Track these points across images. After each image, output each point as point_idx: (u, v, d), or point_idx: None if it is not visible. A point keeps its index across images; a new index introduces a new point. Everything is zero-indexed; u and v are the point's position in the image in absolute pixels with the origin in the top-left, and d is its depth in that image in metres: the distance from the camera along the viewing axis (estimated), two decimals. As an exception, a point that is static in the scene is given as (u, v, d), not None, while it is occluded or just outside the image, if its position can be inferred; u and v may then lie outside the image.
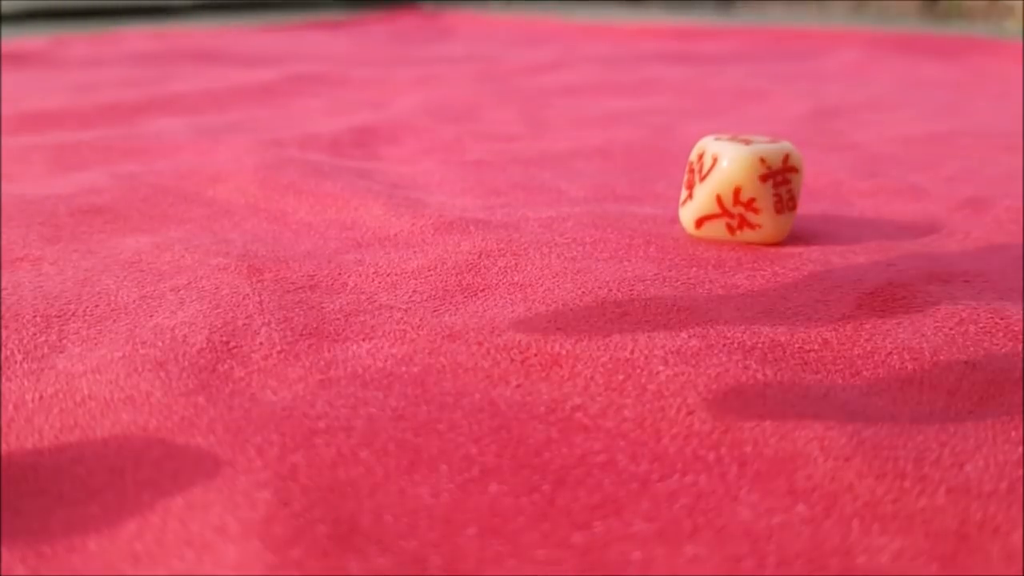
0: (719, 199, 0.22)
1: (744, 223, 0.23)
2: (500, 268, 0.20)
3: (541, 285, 0.19)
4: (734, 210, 0.22)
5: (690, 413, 0.14)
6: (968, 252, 0.23)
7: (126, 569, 0.11)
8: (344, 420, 0.14)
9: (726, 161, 0.22)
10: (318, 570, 0.11)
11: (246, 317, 0.18)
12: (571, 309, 0.18)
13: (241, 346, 0.17)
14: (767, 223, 0.22)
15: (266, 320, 0.18)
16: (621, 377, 0.15)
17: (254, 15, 1.06)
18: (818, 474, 0.13)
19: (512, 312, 0.18)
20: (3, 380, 0.16)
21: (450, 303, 0.18)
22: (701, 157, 0.23)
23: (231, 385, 0.15)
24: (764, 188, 0.22)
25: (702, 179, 0.23)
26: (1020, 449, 0.13)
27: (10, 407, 0.15)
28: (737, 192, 0.22)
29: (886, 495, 0.12)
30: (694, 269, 0.20)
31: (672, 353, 0.16)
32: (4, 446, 0.14)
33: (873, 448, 0.13)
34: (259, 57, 0.65)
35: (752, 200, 0.22)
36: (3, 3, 0.95)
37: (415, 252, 0.21)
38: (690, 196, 0.23)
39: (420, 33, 0.88)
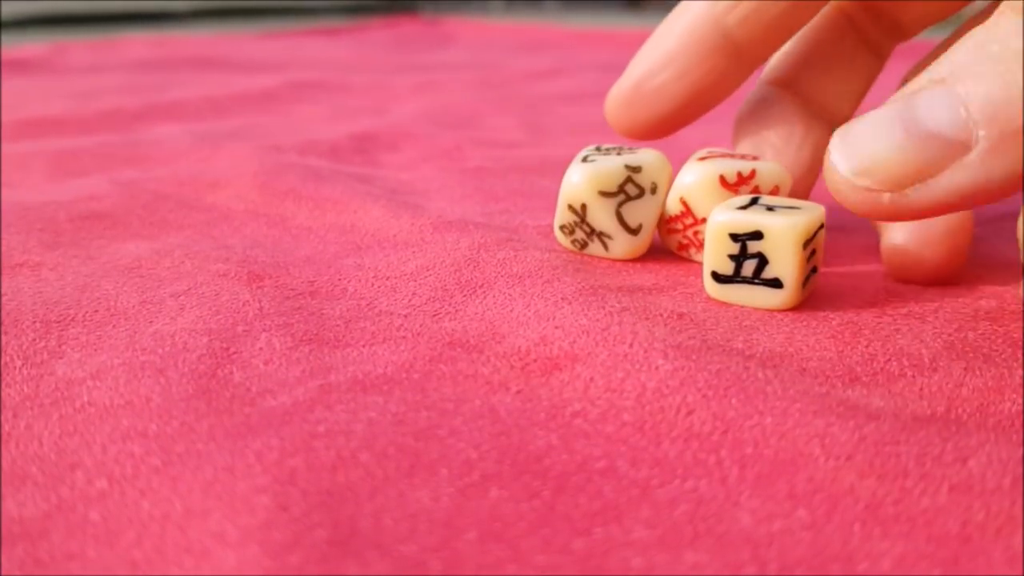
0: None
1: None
2: (499, 260, 0.20)
3: (540, 276, 0.19)
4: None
5: (690, 413, 0.14)
6: (966, 258, 0.23)
7: None
8: (344, 424, 0.14)
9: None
10: (317, 575, 0.10)
11: (246, 323, 0.18)
12: (570, 304, 0.18)
13: (241, 351, 0.16)
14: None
15: (266, 326, 0.18)
16: (621, 375, 0.15)
17: (254, 22, 1.07)
18: (819, 475, 0.12)
19: (511, 311, 0.18)
20: (3, 386, 0.16)
21: (449, 304, 0.18)
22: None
23: (231, 390, 0.15)
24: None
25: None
26: (1021, 452, 0.13)
27: (9, 413, 0.15)
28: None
29: (887, 496, 0.12)
30: (691, 278, 0.20)
31: (672, 347, 0.16)
32: (4, 453, 0.14)
33: (875, 445, 0.13)
34: (259, 64, 0.65)
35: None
36: (3, 9, 0.95)
37: (414, 252, 0.21)
38: None
39: (420, 40, 0.88)
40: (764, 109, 0.23)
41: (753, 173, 0.20)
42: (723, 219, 0.18)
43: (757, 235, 0.18)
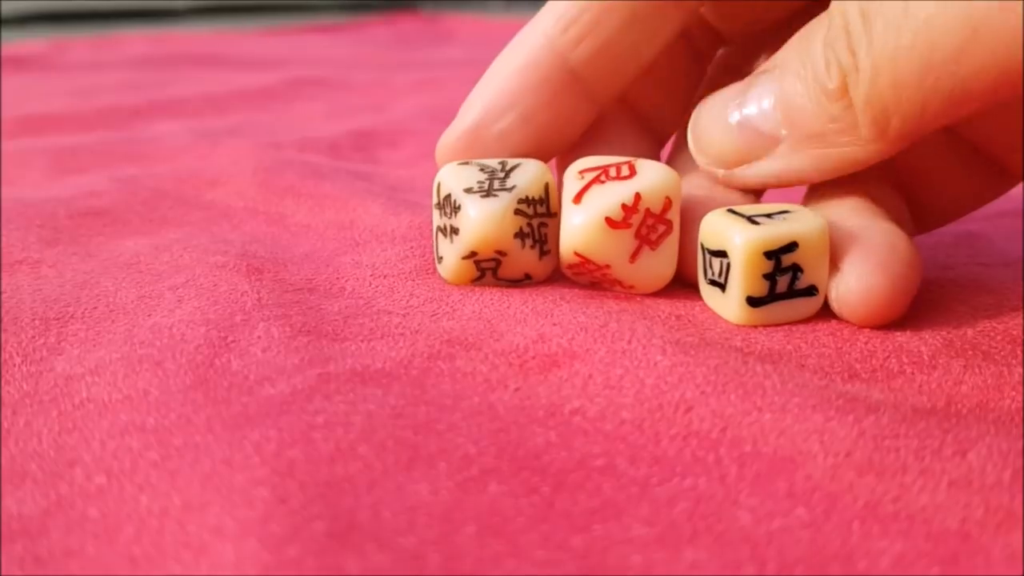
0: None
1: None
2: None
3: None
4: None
5: (689, 410, 0.14)
6: (966, 255, 0.23)
7: (124, 573, 0.11)
8: (343, 416, 0.14)
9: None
10: (315, 568, 0.10)
11: (244, 312, 0.18)
12: (568, 303, 0.18)
13: (239, 340, 0.16)
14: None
15: (264, 316, 0.18)
16: (619, 372, 0.15)
17: (254, 19, 1.07)
18: (818, 473, 0.12)
19: (509, 309, 0.18)
20: (2, 383, 0.16)
21: (447, 304, 0.18)
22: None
23: (228, 379, 0.15)
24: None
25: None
26: (1021, 444, 0.13)
27: (9, 410, 0.15)
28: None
29: (886, 494, 0.12)
30: (690, 283, 0.20)
31: (671, 344, 0.16)
32: (3, 450, 0.14)
33: (874, 439, 0.13)
34: (258, 61, 0.65)
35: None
36: (3, 6, 0.95)
37: (412, 250, 0.21)
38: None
39: (420, 37, 0.88)
40: (596, 123, 0.21)
41: (638, 198, 0.18)
42: (752, 239, 0.17)
43: (791, 247, 0.17)
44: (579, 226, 0.18)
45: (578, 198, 0.18)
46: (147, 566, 0.11)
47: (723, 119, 0.18)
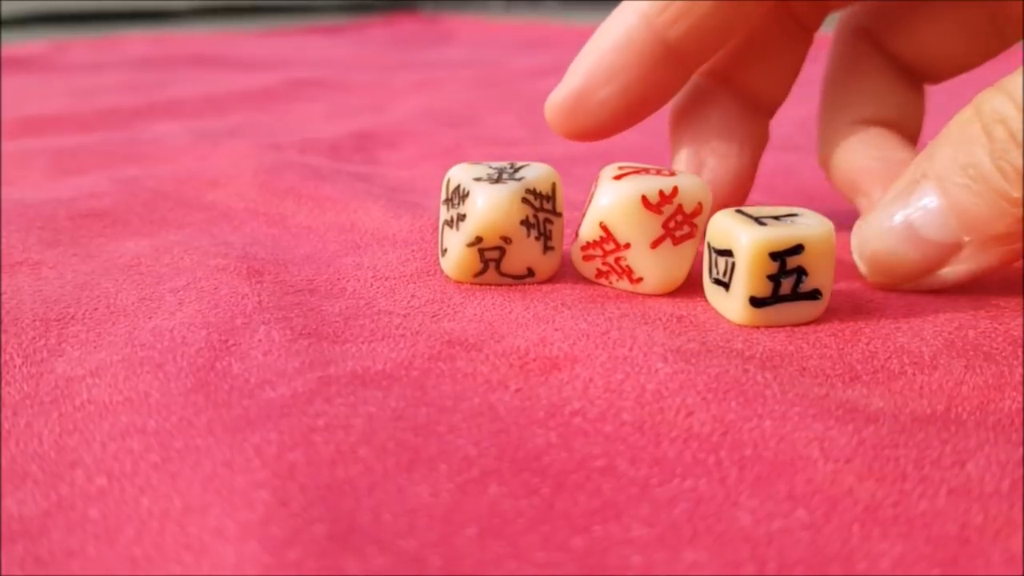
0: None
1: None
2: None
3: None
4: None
5: (689, 415, 0.14)
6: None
7: (124, 574, 0.11)
8: (343, 418, 0.14)
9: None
10: (316, 570, 0.11)
11: (245, 316, 0.18)
12: (570, 309, 0.18)
13: (240, 343, 0.17)
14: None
15: (265, 319, 0.18)
16: (620, 376, 0.15)
17: (254, 20, 1.07)
18: (818, 477, 0.13)
19: (510, 313, 0.18)
20: (3, 384, 0.16)
21: (448, 306, 0.18)
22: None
23: (229, 382, 0.15)
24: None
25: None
26: (1021, 451, 0.13)
27: (9, 411, 0.15)
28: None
29: (886, 498, 0.12)
30: (693, 279, 0.20)
31: (672, 351, 0.16)
32: (4, 451, 0.14)
33: (873, 448, 0.13)
34: (259, 62, 0.65)
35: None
36: (3, 7, 0.95)
37: (414, 253, 0.21)
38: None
39: (420, 38, 0.88)
40: (700, 107, 0.22)
41: (675, 191, 0.18)
42: (759, 238, 0.17)
43: (798, 249, 0.17)
44: (615, 198, 0.18)
45: (618, 178, 0.19)
46: (148, 567, 0.11)
47: (890, 237, 0.18)
